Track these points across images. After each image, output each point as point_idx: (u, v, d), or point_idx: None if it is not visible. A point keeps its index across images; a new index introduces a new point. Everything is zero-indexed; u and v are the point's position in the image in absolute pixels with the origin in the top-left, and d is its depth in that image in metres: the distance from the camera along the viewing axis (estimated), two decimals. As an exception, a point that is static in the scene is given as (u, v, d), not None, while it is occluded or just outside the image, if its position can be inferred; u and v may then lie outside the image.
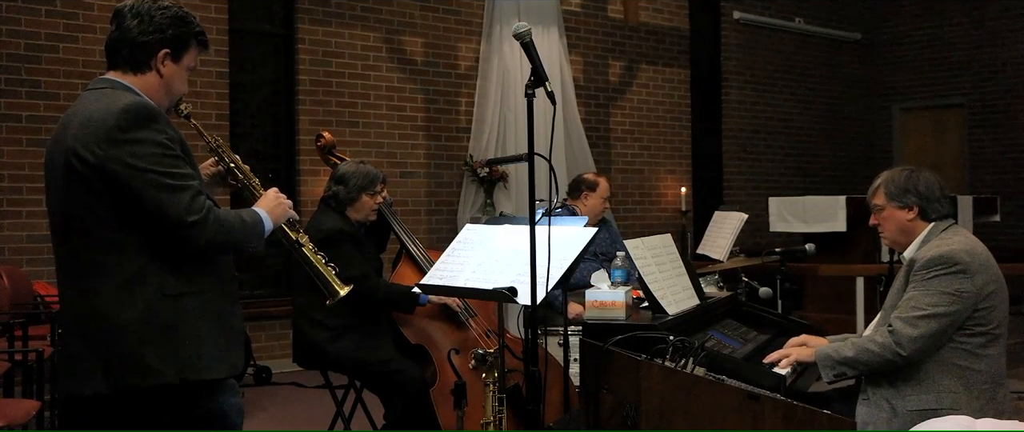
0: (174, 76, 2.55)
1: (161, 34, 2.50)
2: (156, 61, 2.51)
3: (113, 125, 2.35)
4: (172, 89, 2.57)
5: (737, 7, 10.53)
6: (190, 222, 2.37)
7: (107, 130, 2.34)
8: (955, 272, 3.01)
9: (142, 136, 2.36)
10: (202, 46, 2.62)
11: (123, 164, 2.34)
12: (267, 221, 2.62)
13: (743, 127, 10.67)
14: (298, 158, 7.70)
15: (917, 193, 3.17)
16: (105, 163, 2.34)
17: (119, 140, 2.34)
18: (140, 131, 2.36)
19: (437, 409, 4.00)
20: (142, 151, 2.35)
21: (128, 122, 2.35)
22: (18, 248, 6.55)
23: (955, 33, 11.39)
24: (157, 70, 2.52)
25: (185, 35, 2.54)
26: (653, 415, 2.73)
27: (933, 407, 3.00)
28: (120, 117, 2.36)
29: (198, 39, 2.59)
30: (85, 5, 6.77)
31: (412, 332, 4.20)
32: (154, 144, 2.37)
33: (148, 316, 2.38)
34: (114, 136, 2.34)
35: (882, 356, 3.02)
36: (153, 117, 2.40)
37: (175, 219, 2.36)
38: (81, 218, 2.39)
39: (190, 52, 2.58)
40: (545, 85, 2.77)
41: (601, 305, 3.31)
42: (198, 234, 2.38)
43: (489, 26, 8.57)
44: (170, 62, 2.53)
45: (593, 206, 5.31)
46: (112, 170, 2.34)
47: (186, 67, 2.58)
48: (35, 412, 4.07)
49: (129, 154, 2.34)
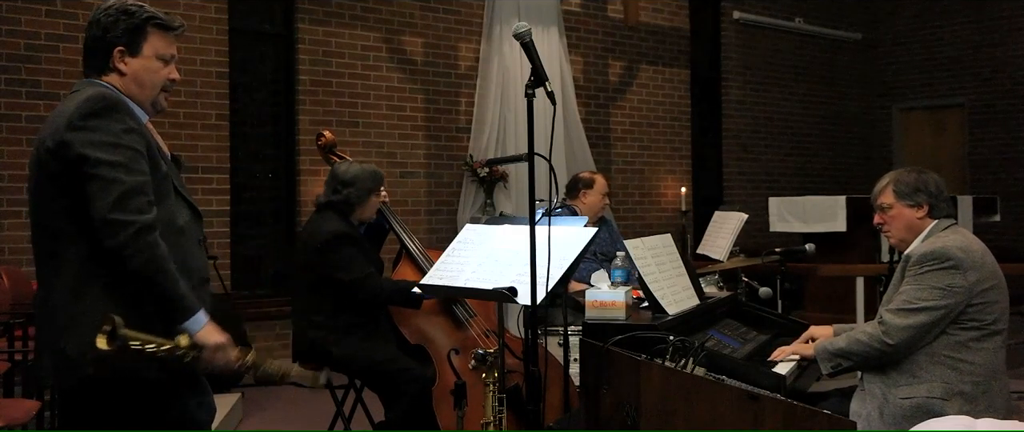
0: (140, 70, 2.51)
1: (109, 32, 2.48)
2: (114, 60, 2.49)
3: (72, 113, 2.35)
4: (142, 82, 2.52)
5: (737, 7, 10.53)
6: (110, 219, 2.29)
7: (67, 118, 2.35)
8: (947, 267, 3.06)
9: (96, 124, 2.34)
10: (164, 29, 2.54)
11: (74, 150, 2.32)
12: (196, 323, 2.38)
13: (743, 127, 10.67)
14: (298, 158, 7.69)
15: (928, 192, 3.24)
16: (60, 149, 2.34)
17: (76, 126, 2.33)
18: (96, 119, 2.34)
19: (436, 409, 4.00)
20: (93, 138, 2.33)
21: (87, 110, 2.35)
22: (18, 248, 6.54)
23: (955, 33, 11.38)
24: (118, 69, 2.50)
25: (133, 27, 2.50)
26: (653, 415, 2.73)
27: (924, 396, 3.04)
28: (82, 105, 2.36)
29: (153, 23, 2.51)
30: (85, 5, 6.77)
31: (411, 332, 4.20)
32: (107, 132, 2.34)
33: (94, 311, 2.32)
34: (73, 123, 2.34)
35: (871, 345, 3.09)
36: (113, 107, 2.38)
37: (98, 211, 2.30)
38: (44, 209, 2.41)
39: (149, 40, 2.51)
40: (545, 85, 2.77)
41: (601, 305, 3.31)
42: (112, 235, 2.29)
43: (489, 26, 8.57)
44: (129, 58, 2.50)
45: (592, 203, 5.32)
46: (64, 156, 2.33)
47: (155, 56, 2.52)
48: (35, 412, 4.07)
49: (81, 141, 2.32)
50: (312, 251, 4.15)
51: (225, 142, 7.25)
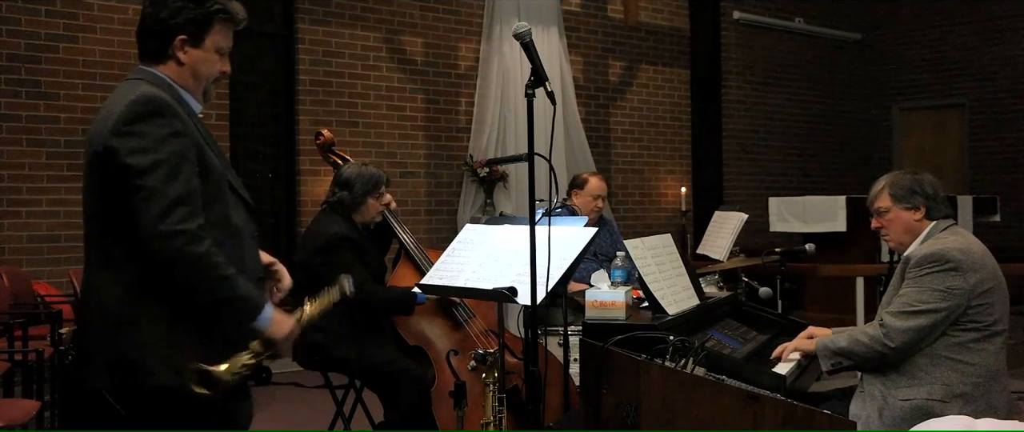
0: (200, 61, 2.41)
1: (174, 19, 2.37)
2: (174, 48, 2.39)
3: (119, 117, 2.27)
4: (199, 75, 2.43)
5: (737, 7, 10.53)
6: (155, 233, 2.22)
7: (115, 122, 2.27)
8: (947, 269, 3.06)
9: (141, 129, 2.25)
10: (230, 22, 2.45)
11: (119, 159, 2.25)
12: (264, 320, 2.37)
13: (743, 127, 10.67)
14: (298, 158, 7.70)
15: (924, 193, 3.23)
16: (108, 156, 2.26)
17: (121, 132, 2.26)
18: (141, 123, 2.26)
19: (436, 410, 3.99)
20: (136, 145, 2.24)
21: (133, 115, 2.26)
22: (18, 248, 6.54)
23: (955, 33, 11.38)
24: (177, 58, 2.40)
25: (202, 17, 2.39)
26: (653, 415, 2.72)
27: (924, 398, 3.04)
28: (126, 109, 2.27)
29: (221, 16, 2.42)
30: (85, 5, 6.77)
31: (410, 334, 4.19)
32: (151, 138, 2.25)
33: (157, 317, 2.30)
34: (119, 128, 2.26)
35: (872, 347, 3.09)
36: (158, 111, 2.28)
37: (144, 224, 2.23)
38: (100, 210, 2.33)
39: (213, 33, 2.41)
40: (545, 85, 2.77)
41: (601, 305, 3.31)
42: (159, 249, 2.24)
43: (489, 26, 8.57)
44: (190, 48, 2.40)
45: (582, 205, 5.30)
46: (110, 163, 2.26)
47: (214, 49, 2.42)
48: (35, 412, 4.06)
49: (127, 148, 2.24)
50: (312, 251, 4.15)
51: (225, 142, 7.24)
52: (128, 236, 2.28)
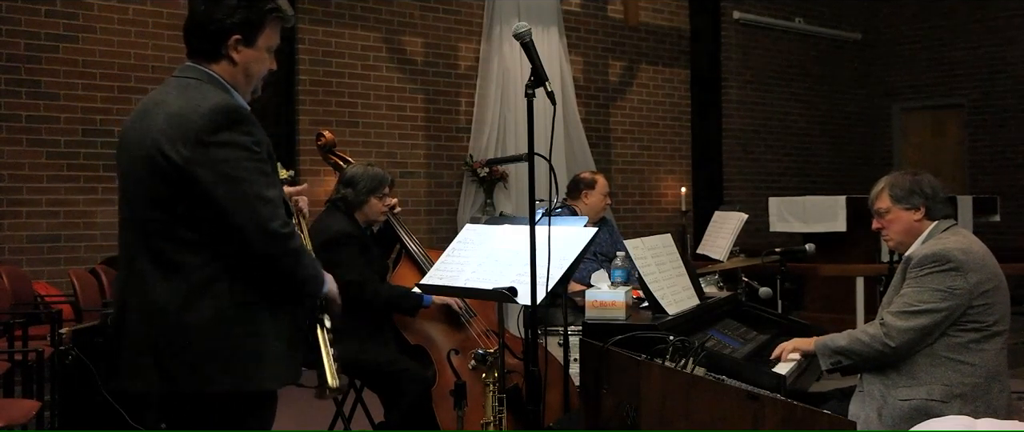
0: (251, 61, 2.42)
1: (230, 19, 2.36)
2: (227, 48, 2.39)
3: (201, 126, 2.25)
4: (251, 74, 2.44)
5: (737, 7, 10.53)
6: (272, 232, 2.27)
7: (195, 131, 2.24)
8: (948, 269, 3.06)
9: (228, 139, 2.26)
10: (282, 20, 2.45)
11: (208, 169, 2.24)
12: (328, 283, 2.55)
13: (743, 127, 10.67)
14: (298, 158, 7.69)
15: (923, 194, 3.23)
16: (190, 166, 2.24)
17: (206, 142, 2.24)
18: (226, 133, 2.26)
19: (436, 409, 3.99)
20: (228, 155, 2.25)
21: (216, 124, 2.25)
22: (18, 248, 6.54)
23: (955, 33, 11.38)
24: (230, 57, 2.39)
25: (256, 17, 2.39)
26: (653, 415, 2.72)
27: (924, 398, 3.04)
28: (208, 118, 2.26)
29: (274, 15, 2.42)
30: (85, 5, 6.77)
31: (411, 333, 4.20)
32: (242, 148, 2.27)
33: (215, 321, 2.29)
34: (201, 138, 2.24)
35: (872, 347, 3.09)
36: (241, 119, 2.30)
37: (258, 229, 2.26)
38: (161, 213, 2.29)
39: (266, 33, 2.42)
40: (545, 85, 2.77)
41: (601, 305, 3.31)
42: (277, 248, 2.30)
43: (489, 26, 8.57)
44: (243, 47, 2.40)
45: (594, 204, 5.32)
46: (196, 173, 2.24)
47: (265, 48, 2.43)
48: (35, 412, 4.06)
49: (215, 159, 2.24)
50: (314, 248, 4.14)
51: (225, 142, 7.24)
52: (191, 238, 2.28)
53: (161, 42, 6.93)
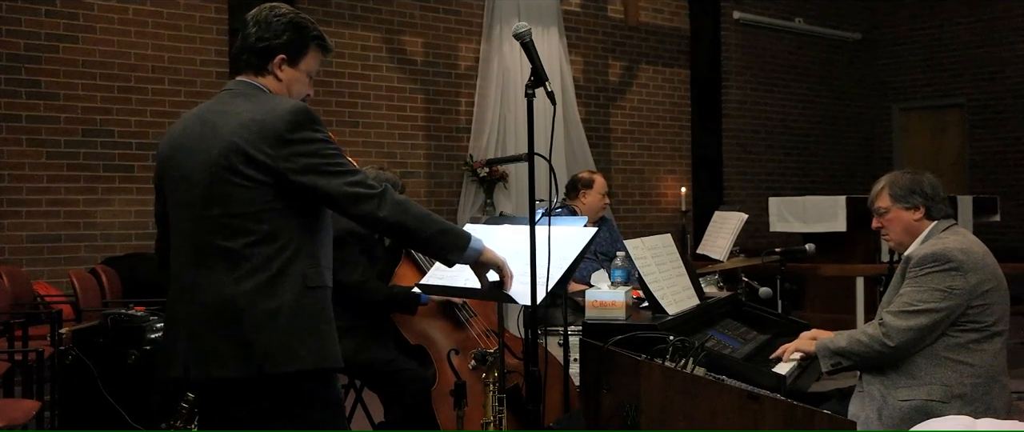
0: (293, 80, 2.66)
1: (277, 39, 2.61)
2: (273, 66, 2.62)
3: (283, 127, 2.47)
4: (292, 92, 2.66)
5: (737, 7, 10.53)
6: (371, 193, 2.49)
7: (277, 132, 2.47)
8: (948, 269, 3.05)
9: (309, 135, 2.49)
10: (322, 50, 2.70)
11: (297, 162, 2.46)
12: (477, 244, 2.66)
13: (743, 127, 10.67)
14: (298, 158, 7.69)
15: (923, 193, 3.23)
16: (277, 162, 2.46)
17: (290, 140, 2.47)
18: (306, 131, 2.49)
19: (436, 409, 4.00)
20: (312, 149, 2.48)
21: (297, 124, 2.48)
22: (18, 248, 6.55)
23: (955, 33, 11.38)
24: (275, 74, 2.63)
25: (301, 40, 2.64)
26: (653, 415, 2.72)
27: (923, 398, 3.04)
28: (288, 119, 2.48)
29: (317, 43, 2.68)
30: (85, 5, 6.77)
31: (411, 333, 4.20)
32: (323, 141, 2.51)
33: (295, 305, 2.49)
34: (285, 137, 2.47)
35: (871, 347, 3.09)
36: (314, 118, 2.54)
37: (357, 193, 2.48)
38: (238, 212, 2.48)
39: (308, 57, 2.67)
40: (545, 85, 2.77)
41: (601, 305, 3.31)
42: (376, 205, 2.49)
43: (489, 26, 8.57)
44: (287, 67, 2.64)
45: (592, 203, 5.32)
46: (285, 169, 2.46)
47: (306, 72, 2.68)
48: (35, 412, 4.06)
49: (301, 152, 2.47)
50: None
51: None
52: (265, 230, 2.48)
53: (161, 42, 6.92)
